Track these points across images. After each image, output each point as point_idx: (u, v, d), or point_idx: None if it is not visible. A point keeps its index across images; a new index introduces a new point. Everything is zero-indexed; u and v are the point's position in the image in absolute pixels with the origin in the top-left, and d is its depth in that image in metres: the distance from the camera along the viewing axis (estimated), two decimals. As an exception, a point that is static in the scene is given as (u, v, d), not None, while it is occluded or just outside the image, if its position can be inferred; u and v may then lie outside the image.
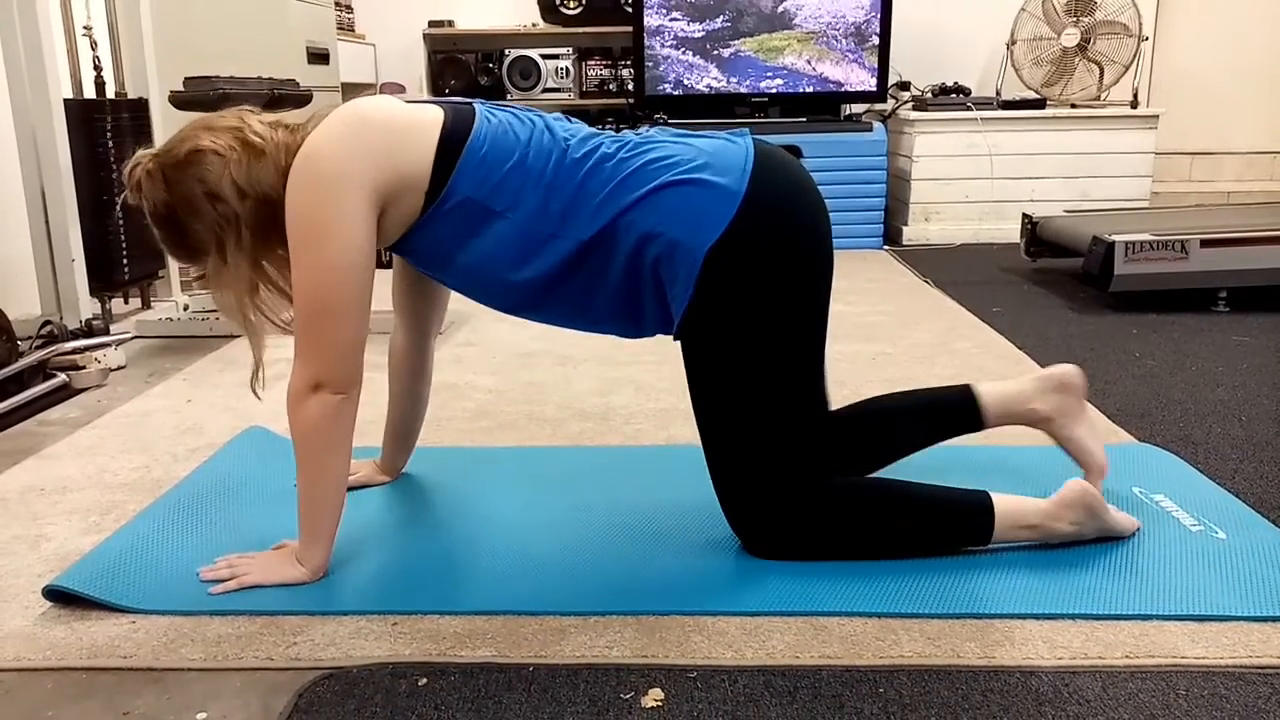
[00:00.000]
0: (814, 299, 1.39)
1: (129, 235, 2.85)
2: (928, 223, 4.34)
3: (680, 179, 1.31)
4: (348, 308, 1.31)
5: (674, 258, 1.31)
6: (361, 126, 1.31)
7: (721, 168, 1.33)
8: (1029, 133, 4.24)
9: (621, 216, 1.32)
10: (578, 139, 1.37)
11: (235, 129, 1.34)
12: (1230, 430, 1.95)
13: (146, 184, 1.33)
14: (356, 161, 1.29)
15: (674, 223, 1.31)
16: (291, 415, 1.33)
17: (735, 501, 1.40)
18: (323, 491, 1.36)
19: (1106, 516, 1.43)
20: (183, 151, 1.32)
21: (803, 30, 4.25)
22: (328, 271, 1.29)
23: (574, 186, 1.33)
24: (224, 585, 1.34)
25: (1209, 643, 1.20)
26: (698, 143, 1.38)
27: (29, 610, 1.32)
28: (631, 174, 1.33)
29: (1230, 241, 2.94)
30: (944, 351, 2.58)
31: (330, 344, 1.31)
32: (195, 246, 1.36)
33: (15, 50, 2.48)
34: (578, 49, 4.64)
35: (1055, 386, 1.53)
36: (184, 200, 1.32)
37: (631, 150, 1.35)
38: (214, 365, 2.59)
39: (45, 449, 1.97)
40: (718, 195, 1.31)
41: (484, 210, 1.33)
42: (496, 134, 1.35)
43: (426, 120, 1.34)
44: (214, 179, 1.31)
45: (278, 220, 1.32)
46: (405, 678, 1.15)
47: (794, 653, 1.19)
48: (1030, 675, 1.14)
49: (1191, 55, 4.74)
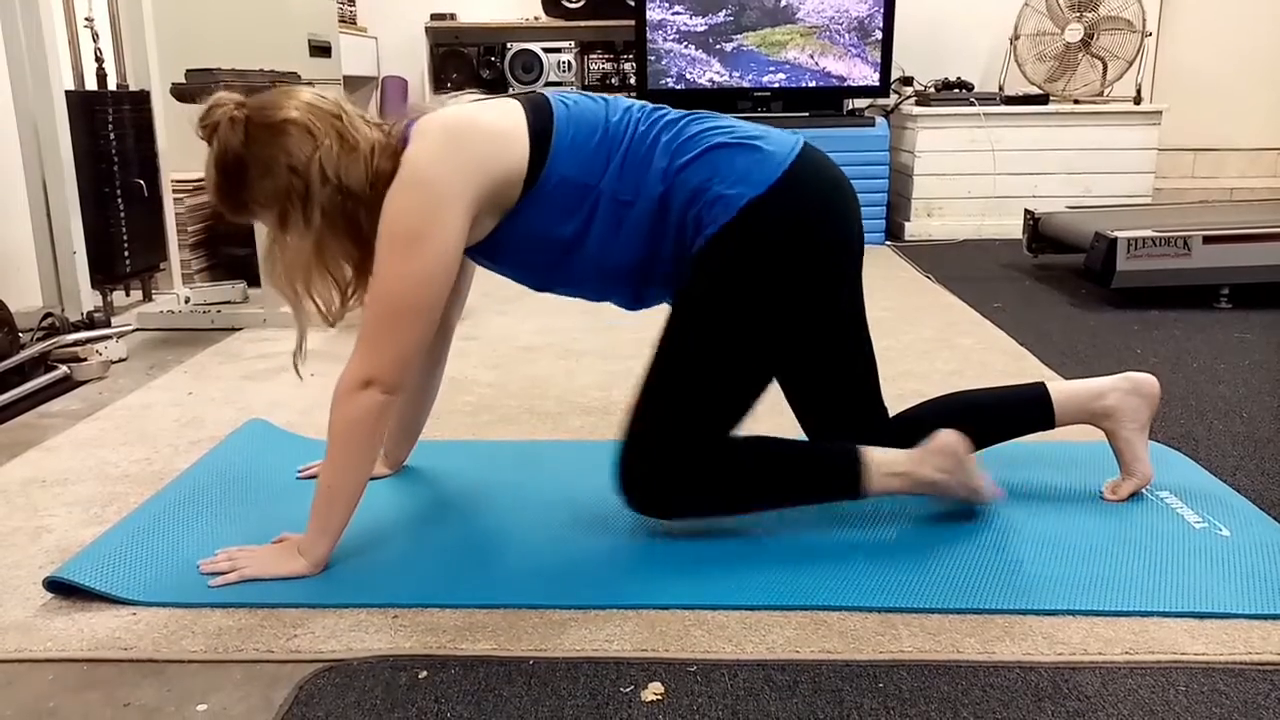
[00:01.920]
0: (825, 289, 1.43)
1: (130, 227, 2.85)
2: (930, 218, 4.33)
3: (734, 141, 1.39)
4: (424, 313, 1.33)
5: (714, 206, 1.36)
6: (459, 138, 1.33)
7: (774, 142, 1.41)
8: (1032, 128, 4.24)
9: (679, 174, 1.37)
10: (647, 111, 1.43)
11: (335, 117, 1.33)
12: (1232, 427, 1.95)
13: (225, 129, 1.32)
14: (459, 173, 1.31)
15: (721, 178, 1.37)
16: (339, 406, 1.33)
17: (637, 447, 1.40)
18: (345, 486, 1.36)
19: (973, 472, 1.46)
20: (278, 117, 1.31)
21: (805, 25, 4.24)
22: (416, 278, 1.30)
23: (645, 152, 1.38)
24: (224, 578, 1.34)
25: (1209, 639, 1.20)
26: (753, 128, 1.45)
27: (30, 602, 1.32)
28: (690, 138, 1.39)
29: (1233, 238, 2.93)
30: (945, 347, 2.58)
31: (398, 345, 1.32)
32: (249, 205, 1.36)
33: (17, 41, 2.48)
34: (580, 43, 4.63)
35: (1133, 389, 1.55)
36: (261, 161, 1.32)
37: (693, 120, 1.42)
38: (215, 358, 2.59)
39: (46, 441, 1.97)
40: (766, 160, 1.38)
41: (580, 188, 1.37)
42: (575, 116, 1.39)
43: (513, 119, 1.36)
44: (301, 156, 1.30)
45: (353, 214, 1.32)
46: (405, 670, 1.15)
47: (794, 647, 1.19)
48: (1030, 671, 1.14)
49: (1195, 51, 4.72)
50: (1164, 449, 1.80)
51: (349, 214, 1.33)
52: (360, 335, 1.33)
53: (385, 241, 1.31)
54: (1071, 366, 2.37)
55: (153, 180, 2.97)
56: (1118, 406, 1.55)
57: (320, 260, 1.35)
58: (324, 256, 1.35)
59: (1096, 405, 1.55)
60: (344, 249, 1.35)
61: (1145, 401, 1.55)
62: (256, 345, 2.70)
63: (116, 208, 2.79)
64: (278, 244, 1.35)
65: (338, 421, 1.34)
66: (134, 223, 2.87)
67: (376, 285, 1.32)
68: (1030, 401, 1.57)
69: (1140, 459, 1.57)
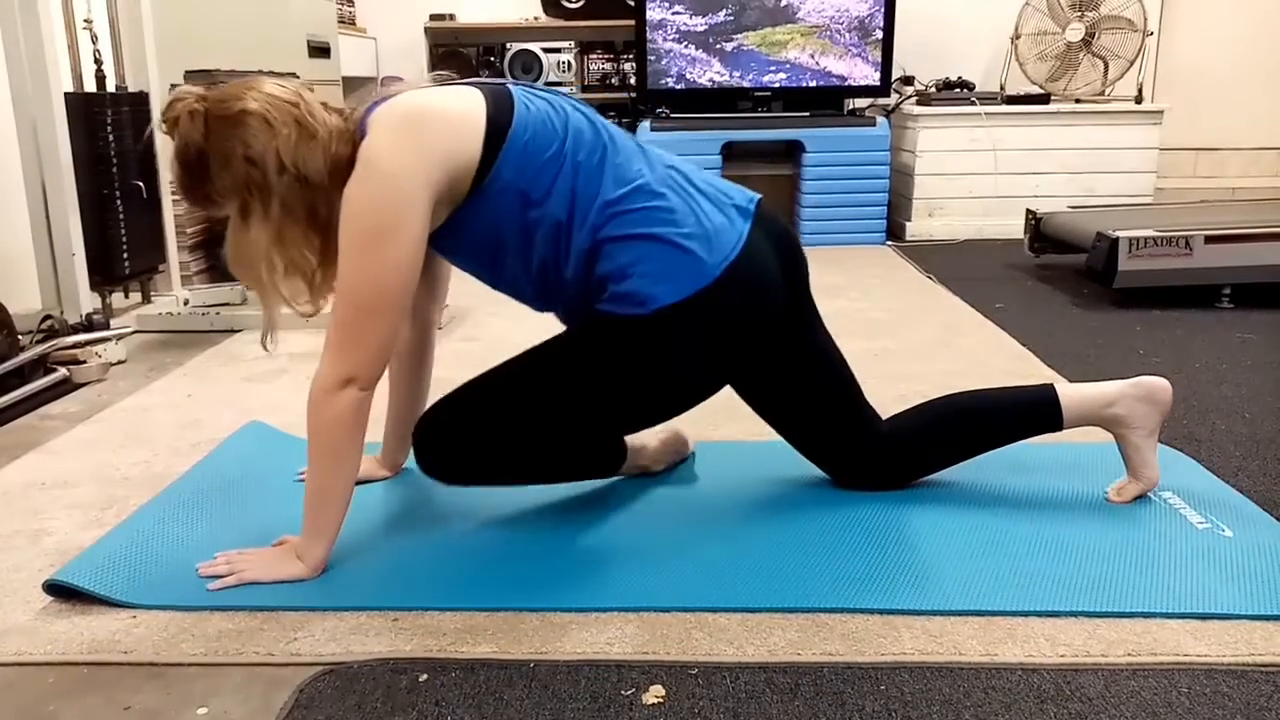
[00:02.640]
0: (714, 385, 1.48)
1: (129, 229, 2.84)
2: (931, 218, 4.33)
3: (670, 239, 1.37)
4: (393, 306, 1.32)
5: (631, 297, 1.37)
6: (420, 125, 1.31)
7: (715, 241, 1.39)
8: (1033, 128, 4.23)
9: (607, 244, 1.37)
10: (614, 149, 1.41)
11: (293, 105, 1.33)
12: (1234, 427, 1.95)
13: (185, 123, 1.32)
14: (415, 161, 1.29)
15: (644, 272, 1.36)
16: (317, 410, 1.32)
17: (443, 417, 1.45)
18: (334, 487, 1.35)
19: None
20: (235, 108, 1.31)
21: (806, 24, 4.24)
22: (382, 273, 1.29)
23: (591, 196, 1.37)
24: (223, 581, 1.34)
25: (1212, 640, 1.20)
26: (707, 207, 1.41)
27: (30, 605, 1.32)
28: (628, 213, 1.37)
29: (1235, 238, 2.93)
30: (946, 348, 2.57)
31: (371, 341, 1.31)
32: (211, 197, 1.36)
33: (16, 43, 2.48)
34: (580, 43, 4.63)
35: (1144, 396, 1.54)
36: (220, 153, 1.32)
37: (638, 190, 1.39)
38: (214, 360, 2.59)
39: (46, 443, 1.97)
40: (695, 266, 1.36)
41: (522, 197, 1.36)
42: (537, 120, 1.37)
43: (471, 110, 1.34)
44: (258, 147, 1.30)
45: (311, 202, 1.32)
46: (406, 674, 1.15)
47: (795, 649, 1.19)
48: (1032, 673, 1.14)
49: (1196, 51, 4.72)
50: (1167, 450, 1.80)
51: (308, 202, 1.33)
52: (330, 335, 1.31)
53: (348, 237, 1.30)
54: (1074, 367, 2.37)
55: (152, 182, 2.96)
56: (1128, 414, 1.53)
57: (282, 249, 1.34)
58: (285, 246, 1.34)
59: (1106, 412, 1.54)
60: (305, 237, 1.34)
61: (1156, 408, 1.54)
62: (256, 347, 2.70)
63: (115, 210, 2.79)
64: (239, 235, 1.34)
65: (319, 424, 1.32)
66: (133, 225, 2.86)
67: (342, 283, 1.31)
68: (1038, 404, 1.56)
69: (1148, 464, 1.56)
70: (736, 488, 1.65)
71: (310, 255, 1.36)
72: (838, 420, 1.57)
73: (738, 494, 1.63)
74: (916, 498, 1.59)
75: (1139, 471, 1.57)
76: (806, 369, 1.54)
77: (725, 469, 1.72)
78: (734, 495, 1.62)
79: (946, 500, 1.59)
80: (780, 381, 1.55)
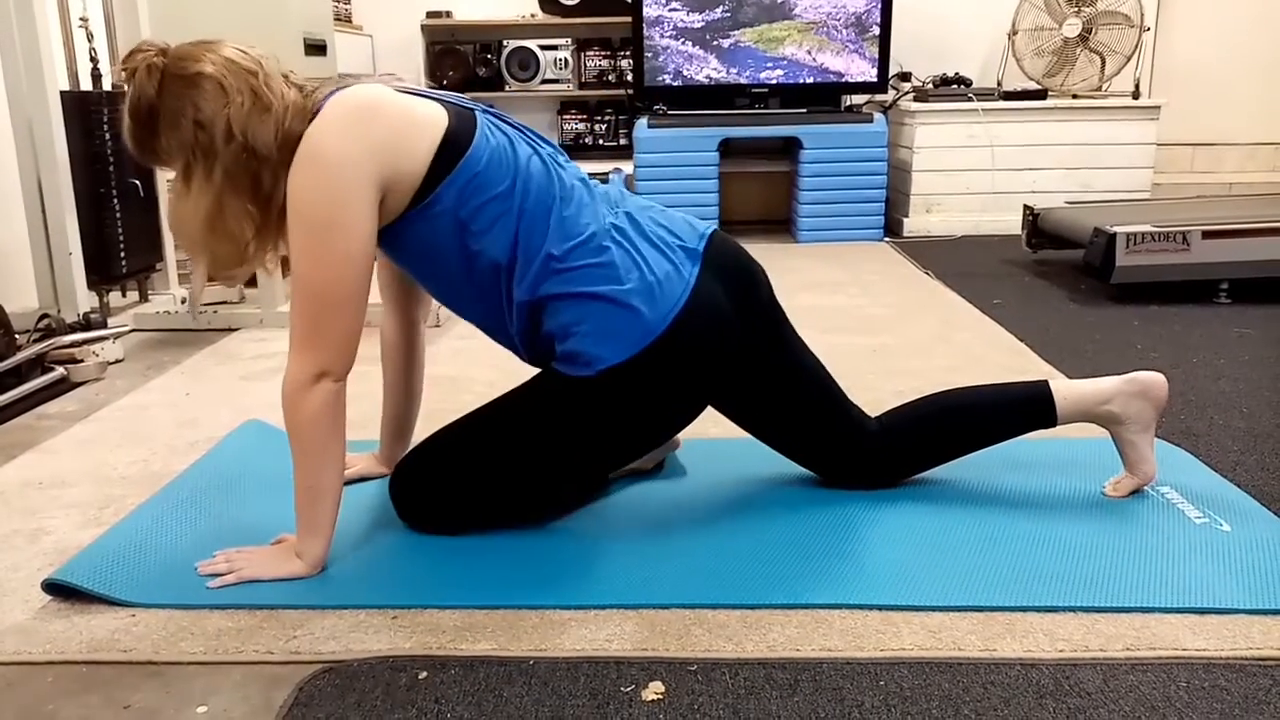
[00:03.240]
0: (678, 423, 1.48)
1: (126, 228, 2.84)
2: (929, 214, 4.33)
3: (614, 297, 1.36)
4: (353, 297, 1.31)
5: (576, 357, 1.38)
6: (367, 117, 1.30)
7: (654, 298, 1.37)
8: (1030, 124, 4.23)
9: (552, 300, 1.38)
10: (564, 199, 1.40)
11: (251, 74, 1.32)
12: (1232, 422, 1.95)
13: (142, 76, 1.31)
14: (361, 152, 1.28)
15: (587, 332, 1.37)
16: (293, 407, 1.31)
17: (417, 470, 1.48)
18: (323, 483, 1.35)
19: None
20: (191, 69, 1.30)
21: (803, 20, 4.23)
22: (335, 263, 1.29)
23: (535, 247, 1.37)
24: (222, 580, 1.34)
25: (1210, 635, 1.20)
26: (653, 257, 1.40)
27: (28, 604, 1.32)
28: (570, 271, 1.37)
29: (1232, 233, 2.93)
30: (944, 343, 2.57)
31: (336, 332, 1.31)
32: (157, 151, 1.35)
33: (11, 42, 2.47)
34: (576, 40, 4.62)
35: (1138, 392, 1.53)
36: (170, 112, 1.31)
37: (581, 244, 1.38)
38: (212, 358, 2.59)
39: (43, 443, 1.97)
40: (638, 324, 1.36)
41: (461, 226, 1.36)
42: (494, 154, 1.36)
43: (430, 119, 1.34)
44: (208, 111, 1.29)
45: (256, 174, 1.31)
46: (405, 671, 1.15)
47: (795, 645, 1.19)
48: (1031, 667, 1.14)
49: (1193, 46, 4.72)
50: (1164, 445, 1.80)
51: (253, 173, 1.31)
52: (293, 331, 1.31)
53: (296, 230, 1.29)
54: (1071, 362, 2.37)
55: (148, 180, 2.96)
56: (1122, 411, 1.53)
57: (220, 217, 1.32)
58: (224, 214, 1.32)
59: (1100, 409, 1.54)
60: (244, 208, 1.33)
61: (1151, 404, 1.54)
62: (253, 345, 2.69)
63: (112, 208, 2.79)
64: (180, 196, 1.34)
65: (297, 422, 1.32)
66: (130, 223, 2.86)
67: (297, 275, 1.30)
68: (1032, 400, 1.56)
69: (1145, 459, 1.56)
70: (733, 485, 1.65)
71: (248, 226, 1.34)
72: (821, 427, 1.57)
73: (734, 491, 1.63)
74: (913, 494, 1.59)
75: (1135, 467, 1.57)
76: (781, 384, 1.54)
77: (721, 466, 1.72)
78: (731, 492, 1.63)
79: (943, 496, 1.59)
80: (756, 400, 1.55)
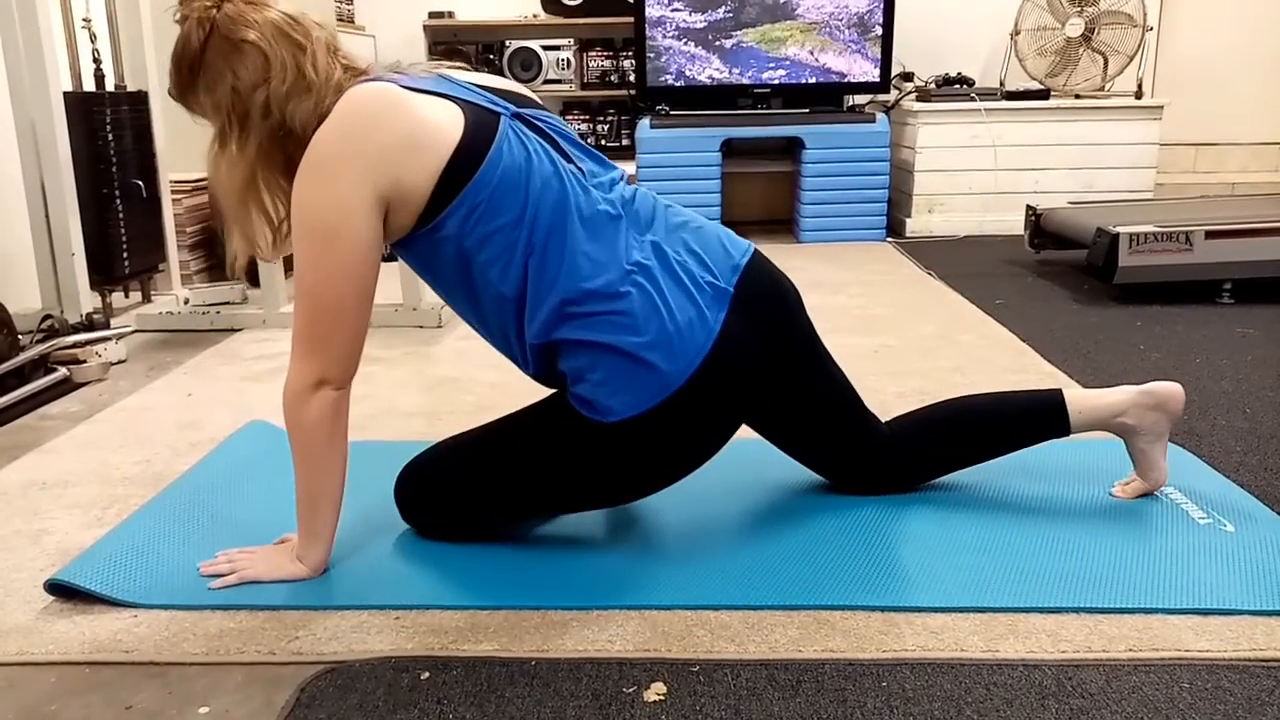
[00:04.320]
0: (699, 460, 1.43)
1: (129, 228, 2.84)
2: (931, 214, 4.32)
3: (629, 350, 1.30)
4: (354, 307, 1.28)
5: (590, 402, 1.33)
6: (370, 125, 1.25)
7: (673, 351, 1.30)
8: (1033, 124, 4.22)
9: (565, 344, 1.33)
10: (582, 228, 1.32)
11: (299, 48, 1.30)
12: (1235, 423, 1.94)
13: (192, 25, 1.30)
14: (360, 158, 1.24)
15: (600, 381, 1.32)
16: (294, 414, 1.30)
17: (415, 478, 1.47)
18: (324, 489, 1.34)
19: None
20: (239, 35, 1.28)
21: (805, 21, 4.23)
22: (335, 273, 1.26)
23: (547, 285, 1.30)
24: (224, 580, 1.34)
25: (1213, 636, 1.20)
26: (677, 301, 1.32)
27: (31, 605, 1.32)
28: (594, 316, 1.31)
29: (1235, 233, 2.92)
30: (947, 344, 2.57)
31: (337, 340, 1.29)
32: (193, 104, 1.34)
33: (15, 43, 2.48)
34: (579, 40, 4.62)
35: (1154, 405, 1.51)
36: (210, 71, 1.30)
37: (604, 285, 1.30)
38: (215, 359, 2.59)
39: (46, 443, 1.97)
40: (652, 383, 1.30)
41: (467, 255, 1.31)
42: (505, 175, 1.28)
43: (440, 133, 1.26)
44: (248, 82, 1.28)
45: (292, 154, 1.29)
46: (407, 672, 1.15)
47: (797, 646, 1.19)
48: (1034, 668, 1.14)
49: (1196, 46, 4.71)
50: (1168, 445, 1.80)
51: (288, 152, 1.30)
52: (296, 338, 1.29)
53: (297, 235, 1.28)
54: (1075, 362, 2.36)
55: (151, 181, 2.96)
56: (1138, 423, 1.52)
57: (253, 192, 1.31)
58: (257, 189, 1.31)
59: (1115, 421, 1.52)
60: (279, 185, 1.32)
61: (1166, 415, 1.52)
62: (256, 346, 2.70)
63: (115, 209, 2.79)
64: (216, 157, 1.32)
65: (300, 429, 1.30)
66: (133, 224, 2.86)
67: (299, 283, 1.28)
68: (1046, 410, 1.54)
69: (1156, 466, 1.55)
70: (736, 486, 1.65)
71: (281, 204, 1.33)
72: (842, 438, 1.55)
73: (738, 493, 1.63)
74: (915, 496, 1.59)
75: (1146, 473, 1.56)
76: (811, 404, 1.51)
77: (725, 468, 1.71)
78: (734, 494, 1.62)
79: (946, 497, 1.59)
80: (783, 420, 1.53)
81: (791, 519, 1.52)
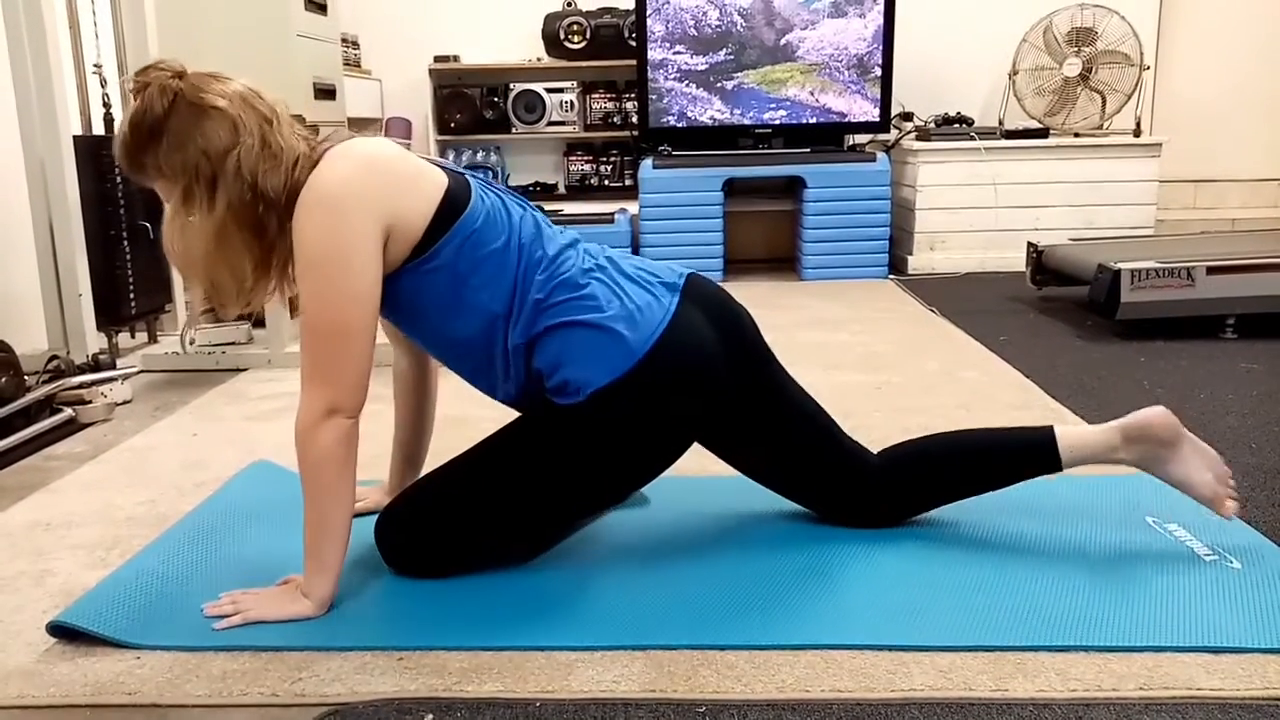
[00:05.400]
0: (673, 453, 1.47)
1: (135, 269, 2.86)
2: (933, 252, 4.34)
3: (596, 323, 1.39)
4: (361, 334, 1.32)
5: (565, 388, 1.40)
6: (370, 165, 1.34)
7: (636, 323, 1.40)
8: (1032, 162, 4.26)
9: (540, 337, 1.40)
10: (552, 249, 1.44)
11: (265, 121, 1.34)
12: (1240, 458, 1.94)
13: (155, 94, 1.31)
14: (367, 197, 1.31)
15: (571, 360, 1.39)
16: (305, 444, 1.32)
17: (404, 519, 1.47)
18: (333, 521, 1.35)
19: None
20: (208, 101, 1.31)
21: (805, 62, 4.28)
22: (342, 302, 1.30)
23: (525, 293, 1.40)
24: (228, 621, 1.34)
25: (1224, 674, 1.18)
26: (631, 289, 1.43)
27: (33, 646, 1.31)
28: (553, 306, 1.40)
29: (1236, 268, 2.93)
30: (950, 381, 2.57)
31: (346, 369, 1.32)
32: (148, 168, 1.35)
33: (26, 87, 2.51)
34: (582, 82, 4.68)
35: (1137, 436, 1.50)
36: (177, 136, 1.31)
37: (562, 283, 1.41)
38: (220, 399, 2.59)
39: (51, 484, 1.97)
40: (620, 346, 1.38)
41: (459, 281, 1.38)
42: (489, 214, 1.40)
43: (431, 175, 1.38)
44: (217, 145, 1.31)
45: (260, 217, 1.33)
46: (411, 713, 1.14)
47: (804, 686, 1.18)
48: (1044, 708, 1.13)
49: (1193, 83, 4.76)
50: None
51: (256, 214, 1.33)
52: (305, 369, 1.32)
53: (303, 267, 1.31)
54: (1079, 399, 2.36)
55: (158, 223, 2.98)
56: (1137, 459, 1.51)
57: (221, 249, 1.33)
58: (225, 247, 1.33)
59: (1114, 457, 1.52)
60: (246, 244, 1.34)
61: (1154, 443, 1.50)
62: (261, 386, 2.70)
63: (122, 250, 2.81)
64: (179, 221, 1.34)
65: (310, 459, 1.33)
66: (139, 265, 2.88)
67: (307, 315, 1.32)
68: (1035, 446, 1.54)
69: (1192, 484, 1.49)
70: (738, 523, 1.64)
71: (247, 265, 1.35)
72: (816, 466, 1.56)
73: (740, 529, 1.62)
74: (917, 533, 1.58)
75: (1189, 491, 1.50)
76: (772, 422, 1.53)
77: (727, 504, 1.72)
78: (736, 531, 1.62)
79: (949, 534, 1.58)
80: (748, 438, 1.55)
81: (795, 558, 1.51)
